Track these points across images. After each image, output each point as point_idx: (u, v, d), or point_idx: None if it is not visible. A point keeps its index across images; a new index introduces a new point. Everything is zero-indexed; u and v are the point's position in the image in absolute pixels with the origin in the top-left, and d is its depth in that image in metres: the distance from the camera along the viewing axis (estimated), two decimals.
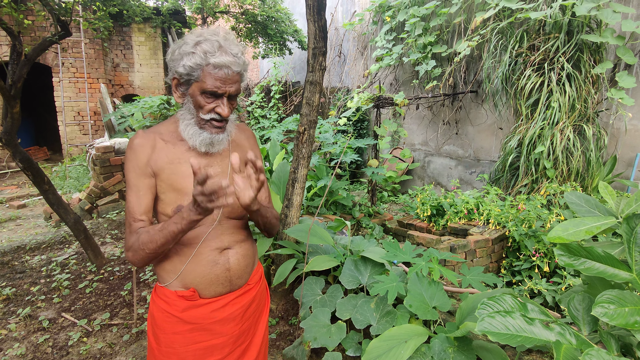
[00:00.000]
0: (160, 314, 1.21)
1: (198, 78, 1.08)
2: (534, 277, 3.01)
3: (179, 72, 1.09)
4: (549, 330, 1.01)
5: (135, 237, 1.11)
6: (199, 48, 1.06)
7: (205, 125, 1.14)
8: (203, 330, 1.21)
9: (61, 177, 6.92)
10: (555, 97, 3.88)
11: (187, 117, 1.15)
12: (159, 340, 1.23)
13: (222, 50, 1.07)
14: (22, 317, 2.78)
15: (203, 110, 1.11)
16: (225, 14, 8.67)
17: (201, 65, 1.06)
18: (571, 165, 3.87)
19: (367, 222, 4.01)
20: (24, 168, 3.06)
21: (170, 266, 1.20)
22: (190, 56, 1.06)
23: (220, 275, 1.20)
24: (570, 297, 1.15)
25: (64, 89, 8.24)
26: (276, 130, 5.13)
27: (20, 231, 4.71)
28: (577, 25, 3.84)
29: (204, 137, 1.14)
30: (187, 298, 1.19)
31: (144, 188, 1.14)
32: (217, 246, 1.20)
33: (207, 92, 1.09)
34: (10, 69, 2.98)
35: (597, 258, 1.04)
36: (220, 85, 1.08)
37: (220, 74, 1.07)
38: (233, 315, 1.25)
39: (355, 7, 7.46)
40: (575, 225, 1.08)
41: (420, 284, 1.89)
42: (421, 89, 6.13)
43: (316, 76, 2.44)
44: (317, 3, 2.32)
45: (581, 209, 1.16)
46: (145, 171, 1.14)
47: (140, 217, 1.14)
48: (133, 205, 1.14)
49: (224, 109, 1.11)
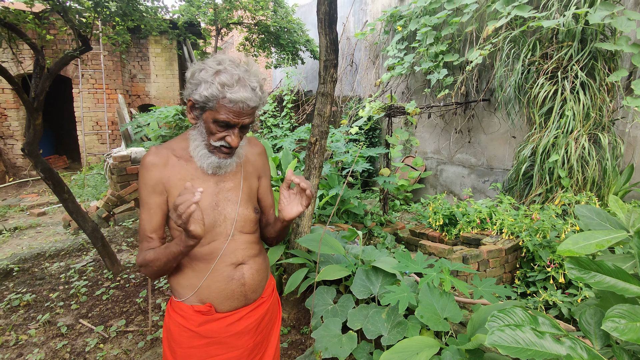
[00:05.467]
0: (177, 328, 1.23)
1: (213, 108, 1.08)
2: (549, 288, 2.97)
3: (194, 98, 1.10)
4: (560, 344, 1.01)
5: (145, 254, 1.16)
6: (217, 79, 1.05)
7: (214, 150, 1.16)
8: (219, 344, 1.24)
9: (80, 186, 7.10)
10: (569, 105, 3.84)
11: (198, 139, 1.17)
12: (175, 353, 1.25)
13: (241, 84, 1.06)
14: (42, 323, 2.85)
15: (214, 137, 1.13)
16: (238, 25, 8.84)
17: (217, 97, 1.06)
18: (587, 174, 3.81)
19: (378, 231, 4.01)
20: (45, 178, 3.16)
21: (186, 281, 1.22)
22: (208, 86, 1.06)
23: (236, 290, 1.23)
24: (582, 311, 1.15)
25: (83, 99, 8.49)
26: (288, 139, 5.19)
27: (40, 238, 4.84)
28: (591, 33, 3.81)
29: (212, 161, 1.17)
30: (204, 313, 1.21)
31: (154, 206, 1.18)
32: (232, 261, 1.22)
33: (219, 122, 1.10)
34: (33, 82, 3.10)
35: (608, 272, 1.03)
36: (233, 118, 1.09)
37: (235, 108, 1.07)
38: (248, 328, 1.27)
39: (367, 17, 7.53)
40: (585, 238, 1.08)
41: (432, 295, 1.89)
42: (433, 98, 6.13)
43: (327, 88, 2.48)
44: (329, 17, 2.36)
45: (592, 222, 1.16)
46: (156, 189, 1.17)
47: (150, 235, 1.18)
48: (145, 222, 1.19)
49: (234, 139, 1.13)
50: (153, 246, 1.18)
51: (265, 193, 1.40)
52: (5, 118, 8.13)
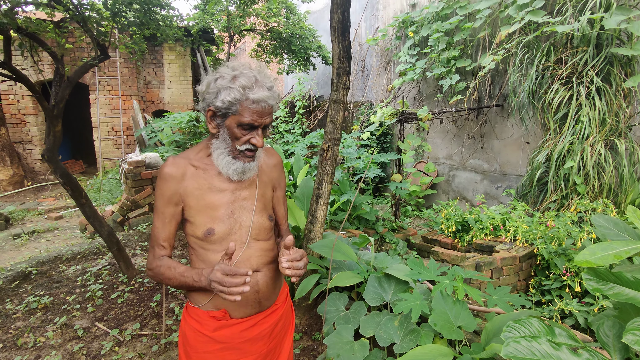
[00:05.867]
0: (192, 333, 1.26)
1: (236, 112, 1.12)
2: (565, 297, 2.92)
3: (216, 106, 1.13)
4: (577, 356, 1.00)
5: (157, 263, 1.21)
6: (237, 83, 1.10)
7: (239, 155, 1.19)
8: (233, 349, 1.26)
9: (96, 190, 7.23)
10: (585, 111, 3.79)
11: (221, 147, 1.19)
12: (190, 358, 1.28)
13: (259, 85, 1.11)
14: (59, 326, 2.91)
15: (239, 141, 1.16)
16: (251, 31, 8.95)
17: (240, 100, 1.10)
18: (603, 181, 3.75)
19: (390, 237, 3.99)
20: (63, 183, 3.24)
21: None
22: (229, 91, 1.10)
23: (250, 297, 1.25)
24: (600, 322, 1.13)
25: (99, 105, 8.68)
26: (300, 145, 5.22)
27: (57, 242, 4.94)
28: (607, 38, 3.76)
29: (237, 166, 1.19)
30: (218, 318, 1.24)
31: (168, 216, 1.22)
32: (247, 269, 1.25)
33: (244, 125, 1.13)
34: (53, 90, 3.19)
35: (627, 283, 1.02)
36: (257, 119, 1.12)
37: (257, 108, 1.11)
38: (262, 334, 1.29)
39: (379, 22, 7.55)
40: (603, 249, 1.07)
41: (445, 303, 1.88)
42: (445, 103, 6.11)
43: (340, 95, 2.49)
44: (342, 25, 2.39)
45: (610, 232, 1.14)
46: (172, 200, 1.21)
47: (162, 244, 1.23)
48: (158, 231, 1.23)
49: (259, 140, 1.16)
50: (164, 254, 1.24)
51: (279, 204, 1.43)
52: (25, 124, 8.35)
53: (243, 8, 7.78)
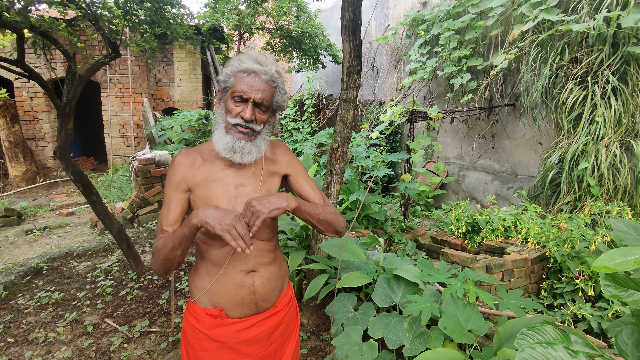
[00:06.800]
0: (190, 329, 1.27)
1: (231, 84, 1.18)
2: (578, 300, 2.86)
3: (220, 80, 1.20)
4: None
5: (155, 243, 1.19)
6: (237, 60, 1.18)
7: (231, 129, 1.19)
8: (229, 350, 1.25)
9: (106, 187, 7.31)
10: (600, 111, 3.71)
11: (219, 124, 1.23)
12: (189, 355, 1.28)
13: (254, 60, 1.17)
14: (69, 321, 2.94)
15: (231, 114, 1.18)
16: (261, 30, 8.95)
17: (234, 72, 1.17)
18: (618, 182, 3.67)
19: (399, 237, 3.96)
20: (75, 180, 3.27)
21: (201, 283, 1.26)
22: (229, 66, 1.18)
23: (246, 298, 1.24)
24: (618, 330, 1.10)
25: (110, 103, 8.76)
26: (309, 144, 5.20)
27: (68, 238, 5.00)
28: (623, 37, 3.68)
29: (227, 140, 1.18)
30: (215, 316, 1.23)
31: (174, 201, 1.22)
32: (243, 268, 1.23)
33: (235, 96, 1.17)
34: (65, 88, 3.22)
35: None
36: (246, 90, 1.15)
37: (247, 79, 1.15)
38: (259, 336, 1.27)
39: (389, 21, 7.50)
40: (622, 254, 1.04)
41: (456, 306, 1.85)
42: (456, 103, 6.04)
43: (350, 94, 2.47)
44: (352, 23, 2.36)
45: (629, 237, 1.11)
46: (179, 186, 1.22)
47: (166, 228, 1.21)
48: (163, 216, 1.22)
49: (246, 112, 1.16)
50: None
51: (301, 188, 1.36)
52: (37, 121, 8.46)
53: (253, 6, 7.77)
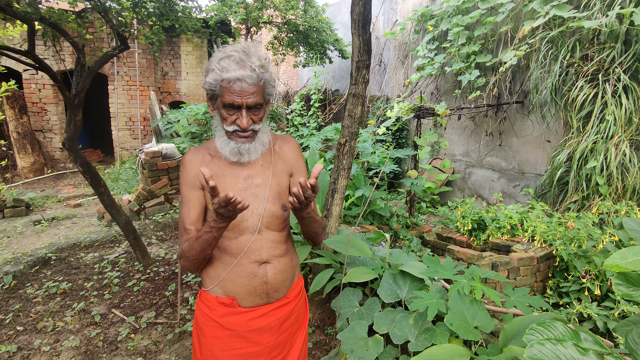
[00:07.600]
0: (203, 317, 1.29)
1: (219, 93, 1.15)
2: (584, 300, 2.85)
3: (205, 88, 1.18)
4: None
5: (181, 246, 1.21)
6: (218, 65, 1.11)
7: (232, 135, 1.20)
8: (240, 338, 1.27)
9: (113, 179, 7.36)
10: (610, 109, 3.67)
11: (218, 129, 1.23)
12: (201, 343, 1.30)
13: (239, 65, 1.11)
14: (77, 311, 2.98)
15: (226, 122, 1.18)
16: (268, 24, 8.92)
17: (218, 81, 1.12)
18: (627, 182, 3.64)
19: (404, 233, 3.96)
20: (83, 172, 3.29)
21: (214, 273, 1.27)
22: (212, 73, 1.13)
23: (258, 288, 1.25)
24: (628, 329, 1.09)
25: (117, 96, 8.79)
26: (315, 139, 5.19)
27: (75, 229, 5.05)
28: (636, 34, 3.62)
29: (232, 146, 1.20)
30: (227, 305, 1.25)
31: (193, 200, 1.24)
32: (256, 259, 1.25)
33: (226, 105, 1.15)
34: (74, 80, 3.23)
35: None
36: (236, 99, 1.12)
37: (235, 87, 1.11)
38: (269, 326, 1.29)
39: (397, 16, 7.44)
40: (635, 253, 1.03)
41: (462, 303, 1.85)
42: (463, 99, 6.00)
43: (359, 89, 2.46)
44: (362, 18, 2.35)
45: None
46: (194, 184, 1.23)
47: (189, 227, 1.22)
48: (184, 216, 1.24)
49: (242, 120, 1.16)
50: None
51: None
52: (45, 112, 8.52)
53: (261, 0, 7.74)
